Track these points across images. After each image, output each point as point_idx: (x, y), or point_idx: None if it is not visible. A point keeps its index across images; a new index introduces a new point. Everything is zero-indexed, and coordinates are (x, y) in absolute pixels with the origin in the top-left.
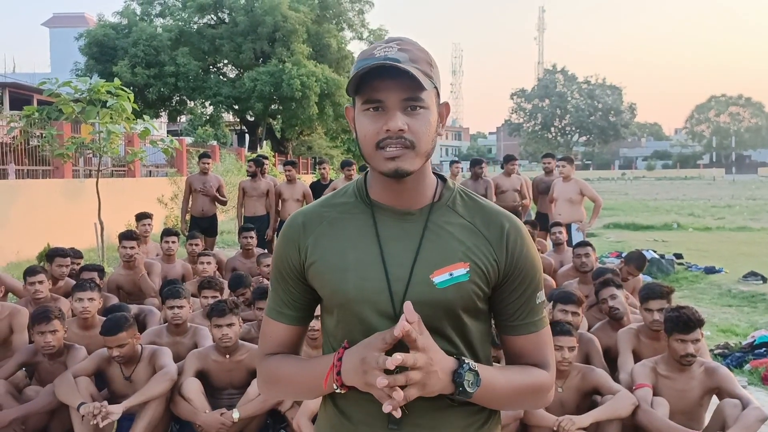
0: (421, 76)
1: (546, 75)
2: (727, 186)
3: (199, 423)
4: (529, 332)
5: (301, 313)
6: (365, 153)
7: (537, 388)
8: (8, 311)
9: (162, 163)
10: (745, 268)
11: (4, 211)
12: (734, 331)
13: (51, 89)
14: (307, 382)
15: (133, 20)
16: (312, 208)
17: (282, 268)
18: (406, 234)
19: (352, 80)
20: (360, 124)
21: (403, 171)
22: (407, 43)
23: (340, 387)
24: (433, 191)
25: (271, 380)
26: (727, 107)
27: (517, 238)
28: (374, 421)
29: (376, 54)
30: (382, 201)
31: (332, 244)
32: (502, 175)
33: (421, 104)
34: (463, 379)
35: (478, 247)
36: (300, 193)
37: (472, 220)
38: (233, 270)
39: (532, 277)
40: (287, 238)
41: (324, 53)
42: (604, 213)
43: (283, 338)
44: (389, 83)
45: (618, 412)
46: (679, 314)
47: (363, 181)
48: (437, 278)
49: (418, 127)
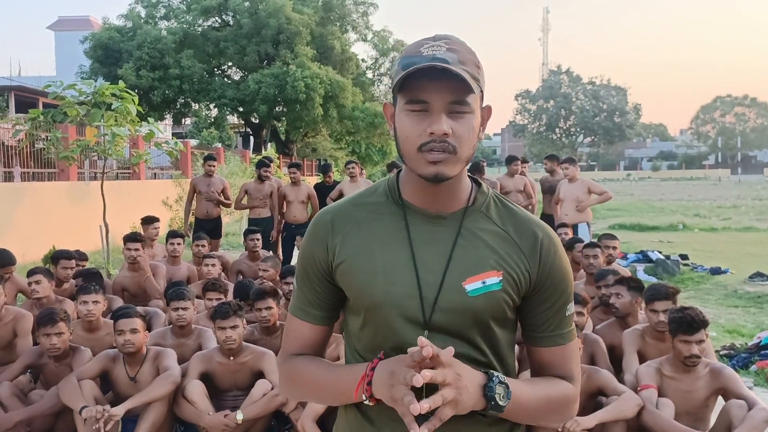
0: (470, 79)
1: (550, 76)
2: (732, 186)
3: (203, 425)
4: (557, 344)
5: (327, 312)
6: (405, 154)
7: (563, 401)
8: (13, 315)
9: (167, 165)
10: (751, 269)
11: (9, 213)
12: (740, 331)
13: (56, 92)
14: (336, 389)
15: (137, 23)
16: (341, 206)
17: (308, 267)
18: (438, 238)
19: (398, 77)
20: (401, 123)
21: (444, 176)
22: (456, 43)
23: (369, 399)
24: (468, 195)
25: (295, 381)
26: (733, 107)
27: (551, 248)
28: (401, 427)
29: (423, 52)
30: (415, 203)
31: (361, 244)
32: (505, 176)
33: (466, 108)
34: (494, 392)
35: (510, 255)
36: (304, 194)
37: (505, 228)
38: (238, 272)
39: (564, 288)
40: (315, 237)
41: (328, 55)
42: (609, 214)
43: (308, 338)
44: (437, 84)
45: (623, 413)
46: (683, 315)
47: (395, 180)
48: (469, 286)
49: (462, 132)
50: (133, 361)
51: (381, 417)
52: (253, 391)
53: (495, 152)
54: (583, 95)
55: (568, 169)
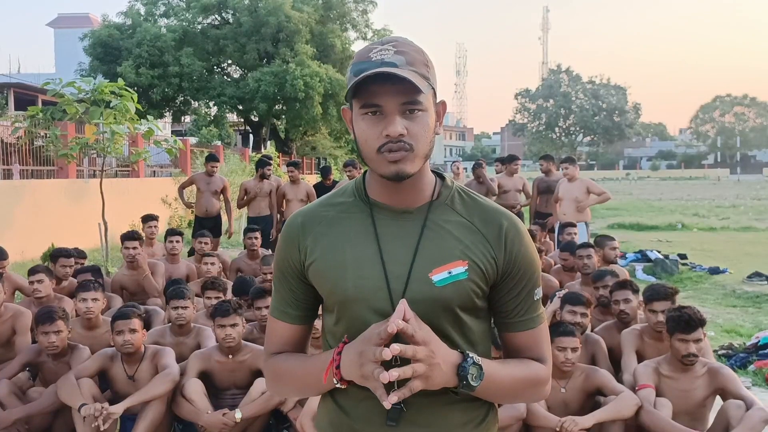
0: (419, 80)
1: (550, 75)
2: (731, 186)
3: (202, 423)
4: (528, 328)
5: (304, 312)
6: (366, 157)
7: (536, 380)
8: (12, 312)
9: (166, 163)
10: (749, 269)
11: (8, 211)
12: (738, 331)
13: (55, 90)
14: (308, 377)
15: (137, 21)
16: (311, 208)
17: (283, 268)
18: (404, 232)
19: (350, 84)
20: (359, 128)
21: (404, 174)
22: (403, 44)
23: (340, 381)
24: (432, 190)
25: (276, 377)
26: (732, 107)
27: (515, 236)
28: (373, 417)
29: (372, 57)
30: (381, 200)
31: (331, 243)
32: (504, 175)
33: (419, 107)
34: (468, 372)
35: (476, 245)
36: (304, 193)
37: (470, 218)
38: (238, 271)
39: (531, 274)
40: (287, 239)
41: (328, 53)
42: (608, 213)
43: (288, 337)
44: (387, 88)
45: (621, 413)
46: (681, 314)
47: (362, 180)
48: (436, 276)
49: (417, 131)
50: (131, 359)
51: (356, 409)
52: (251, 390)
53: (494, 151)
54: (583, 94)
55: (567, 169)
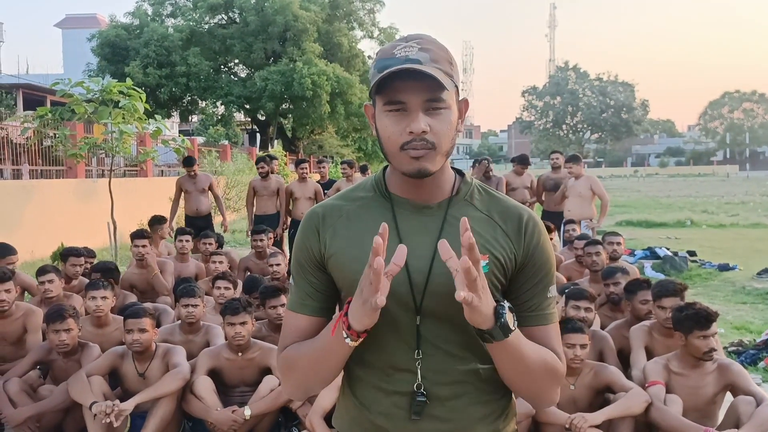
0: (443, 77)
1: (557, 72)
2: (740, 182)
3: (211, 420)
4: (541, 324)
5: (324, 303)
6: (388, 153)
7: (553, 369)
8: (23, 311)
9: (174, 162)
10: (759, 265)
11: (18, 210)
12: (748, 328)
13: (64, 90)
14: (318, 350)
15: (144, 21)
16: (331, 201)
17: (303, 259)
18: (425, 227)
19: (374, 80)
20: (382, 124)
21: (426, 171)
22: (427, 41)
23: (349, 331)
24: (452, 186)
25: (288, 367)
26: (741, 103)
27: (534, 229)
28: (394, 412)
29: (396, 54)
30: (402, 195)
31: (352, 236)
32: (512, 173)
33: (442, 105)
34: (504, 315)
35: (496, 239)
36: (311, 191)
37: (489, 213)
38: (246, 270)
39: (547, 270)
40: (307, 230)
41: (335, 52)
42: (616, 210)
43: (304, 330)
44: (411, 84)
45: (631, 410)
46: (696, 311)
47: (382, 175)
48: None
49: (439, 128)
50: (142, 357)
51: (377, 404)
52: (260, 387)
53: (501, 149)
54: (590, 91)
55: (572, 168)
